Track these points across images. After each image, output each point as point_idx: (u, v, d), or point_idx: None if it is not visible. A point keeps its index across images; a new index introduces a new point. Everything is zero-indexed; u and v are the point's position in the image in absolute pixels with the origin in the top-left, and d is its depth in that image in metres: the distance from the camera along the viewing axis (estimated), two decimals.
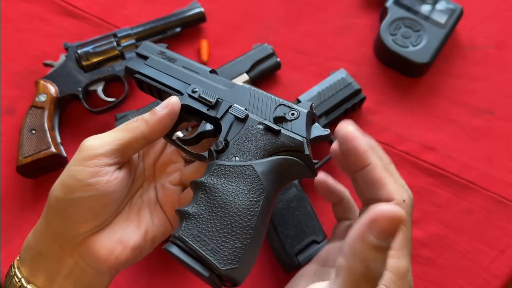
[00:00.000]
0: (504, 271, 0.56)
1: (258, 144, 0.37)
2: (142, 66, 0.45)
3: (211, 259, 0.33)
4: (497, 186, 0.60)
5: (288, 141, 0.37)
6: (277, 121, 0.39)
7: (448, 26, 0.67)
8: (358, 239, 0.29)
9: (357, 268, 0.28)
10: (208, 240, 0.33)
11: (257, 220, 0.34)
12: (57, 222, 0.38)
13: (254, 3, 0.75)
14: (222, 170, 0.36)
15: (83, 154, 0.37)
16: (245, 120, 0.39)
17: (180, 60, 0.44)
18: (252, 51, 0.67)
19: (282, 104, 0.40)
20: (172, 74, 0.43)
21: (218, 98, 0.41)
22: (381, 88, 0.68)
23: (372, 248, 0.28)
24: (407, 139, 0.64)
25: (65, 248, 0.38)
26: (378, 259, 0.28)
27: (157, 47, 0.46)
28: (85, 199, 0.37)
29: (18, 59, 0.72)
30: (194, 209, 0.35)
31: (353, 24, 0.73)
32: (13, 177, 0.63)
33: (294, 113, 0.39)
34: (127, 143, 0.38)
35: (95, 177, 0.36)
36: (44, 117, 0.63)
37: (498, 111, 0.65)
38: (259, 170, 0.36)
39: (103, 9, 0.75)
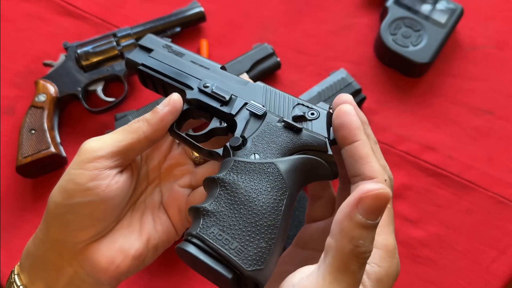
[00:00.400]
0: (504, 271, 0.56)
1: (279, 142, 0.36)
2: (147, 58, 0.42)
3: (235, 259, 0.30)
4: (497, 186, 0.60)
5: (310, 140, 0.36)
6: (297, 120, 0.37)
7: (448, 26, 0.67)
8: (346, 218, 0.28)
9: (346, 247, 0.28)
10: (231, 238, 0.31)
11: (281, 220, 0.32)
12: (56, 229, 0.36)
13: (254, 3, 0.75)
14: (242, 166, 0.34)
15: (83, 157, 0.36)
16: (263, 117, 0.37)
17: (188, 55, 0.42)
18: (252, 51, 0.67)
19: (300, 103, 0.38)
20: (181, 68, 0.41)
21: (232, 95, 0.39)
22: (381, 88, 0.68)
23: (360, 226, 0.28)
24: (407, 139, 0.64)
25: (65, 256, 0.37)
26: (366, 237, 0.28)
27: (162, 40, 0.44)
28: (84, 205, 0.35)
29: (18, 59, 0.71)
30: (213, 205, 0.32)
31: (353, 24, 0.73)
32: (13, 177, 0.63)
33: (314, 113, 0.37)
34: (129, 145, 0.37)
35: (95, 181, 0.35)
36: (43, 117, 0.63)
37: (498, 111, 0.65)
38: (282, 168, 0.34)
39: (103, 9, 0.75)
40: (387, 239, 0.32)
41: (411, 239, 0.58)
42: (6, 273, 0.58)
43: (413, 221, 0.59)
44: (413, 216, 0.60)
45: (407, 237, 0.58)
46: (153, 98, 0.66)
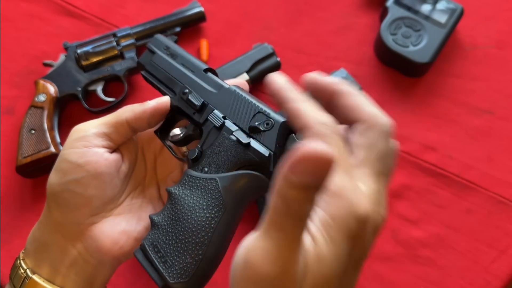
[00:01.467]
0: (504, 271, 0.56)
1: (227, 157, 0.37)
2: (149, 62, 0.45)
3: (163, 271, 0.35)
4: (498, 186, 0.60)
5: (254, 156, 0.36)
6: (252, 131, 0.37)
7: (448, 26, 0.67)
8: (280, 176, 0.25)
9: (278, 206, 0.26)
10: (163, 252, 0.35)
11: (211, 236, 0.34)
12: (57, 210, 0.39)
13: (254, 2, 0.75)
14: (190, 181, 0.36)
15: (72, 137, 0.39)
16: (221, 128, 0.38)
17: (181, 56, 0.44)
18: (252, 50, 0.67)
19: (260, 111, 0.37)
20: (171, 73, 0.43)
21: (204, 101, 0.40)
22: (381, 88, 0.68)
23: (293, 187, 0.24)
24: (408, 139, 0.64)
25: (67, 238, 0.39)
26: (300, 198, 0.25)
27: (165, 41, 0.45)
28: (78, 181, 0.37)
29: (17, 59, 0.71)
30: (160, 218, 0.36)
31: (353, 23, 0.73)
32: (13, 177, 0.63)
33: (269, 123, 0.36)
34: (111, 127, 0.39)
35: (85, 158, 0.38)
36: (43, 117, 0.63)
37: (499, 111, 0.65)
38: (222, 184, 0.35)
39: (103, 8, 0.75)
40: (337, 203, 0.28)
41: (411, 239, 0.58)
42: (7, 273, 0.58)
43: (413, 221, 0.59)
44: (413, 216, 0.59)
45: (407, 237, 0.58)
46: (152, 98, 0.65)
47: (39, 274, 0.38)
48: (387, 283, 0.56)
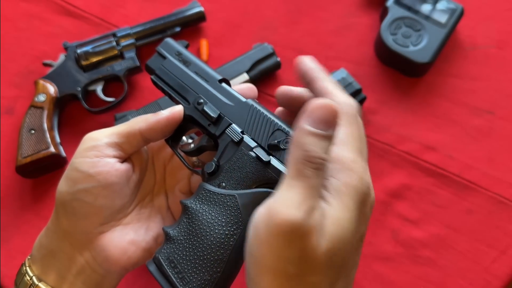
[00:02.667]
0: (504, 272, 0.56)
1: (246, 173, 0.36)
2: (159, 67, 0.44)
3: (180, 287, 0.34)
4: (498, 186, 0.60)
5: (275, 175, 0.36)
6: (271, 148, 0.37)
7: (448, 26, 0.67)
8: (297, 128, 0.30)
9: (297, 153, 0.30)
10: (180, 268, 0.34)
11: (230, 254, 0.34)
12: (65, 219, 0.38)
13: (254, 2, 0.75)
14: (207, 196, 0.36)
15: (84, 146, 0.39)
16: (239, 143, 0.38)
17: (194, 64, 0.43)
18: (252, 50, 0.67)
19: (279, 129, 0.38)
20: (184, 81, 0.42)
21: (220, 113, 0.40)
22: (381, 88, 0.68)
23: (309, 134, 0.30)
24: (408, 139, 0.64)
25: (75, 247, 0.39)
26: (316, 144, 0.30)
27: (176, 46, 0.45)
28: (88, 191, 0.37)
29: (17, 59, 0.71)
30: (175, 232, 0.36)
31: (354, 23, 0.72)
32: (13, 177, 0.63)
33: (288, 141, 0.37)
34: (124, 137, 0.39)
35: (96, 168, 0.37)
36: (43, 117, 0.63)
37: (499, 111, 0.65)
38: (241, 202, 0.35)
39: (103, 8, 0.75)
40: (343, 154, 0.33)
41: (411, 239, 0.58)
42: (7, 273, 0.58)
43: (413, 221, 0.59)
44: (413, 216, 0.59)
45: (407, 237, 0.58)
46: (153, 98, 0.66)
47: (46, 282, 0.38)
48: (387, 283, 0.56)
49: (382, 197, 0.60)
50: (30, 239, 0.60)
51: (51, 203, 0.62)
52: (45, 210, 0.62)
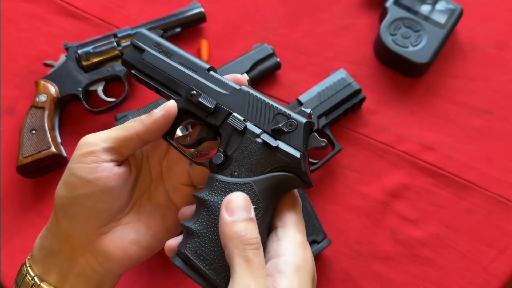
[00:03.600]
0: (504, 271, 0.56)
1: (256, 160, 0.37)
2: (139, 60, 0.42)
3: (214, 277, 0.34)
4: (497, 186, 0.60)
5: (285, 158, 0.37)
6: (275, 133, 0.38)
7: (448, 26, 0.67)
8: (221, 224, 0.33)
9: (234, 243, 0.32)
10: (210, 259, 0.35)
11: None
12: (65, 222, 0.39)
13: (254, 3, 0.75)
14: (222, 186, 0.36)
15: (81, 151, 0.38)
16: (244, 132, 0.38)
17: (177, 54, 0.42)
18: (252, 51, 0.67)
19: (280, 112, 0.39)
20: (170, 73, 0.41)
21: (217, 104, 0.39)
22: (381, 88, 0.68)
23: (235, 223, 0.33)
24: (407, 139, 0.64)
25: (76, 248, 0.39)
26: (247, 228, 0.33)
27: (153, 36, 0.43)
28: (87, 196, 0.37)
29: (18, 59, 0.72)
30: (197, 226, 0.36)
31: (353, 24, 0.73)
32: (13, 177, 0.63)
33: (292, 124, 0.38)
34: (121, 141, 0.39)
35: (94, 173, 0.37)
36: (44, 117, 0.63)
37: (498, 111, 0.65)
38: (258, 188, 0.36)
39: (103, 9, 0.75)
40: (295, 234, 0.36)
41: (411, 239, 0.58)
42: (7, 273, 0.58)
43: (413, 221, 0.59)
44: (413, 216, 0.60)
45: (407, 237, 0.58)
46: (153, 98, 0.66)
47: (47, 282, 0.38)
48: (387, 282, 0.57)
49: (381, 197, 0.61)
50: (31, 239, 0.60)
51: (52, 203, 0.62)
52: (46, 210, 0.62)
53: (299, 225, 0.37)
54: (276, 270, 0.33)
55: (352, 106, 0.63)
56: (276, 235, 0.36)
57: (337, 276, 0.57)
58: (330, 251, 0.58)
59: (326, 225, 0.58)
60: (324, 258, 0.58)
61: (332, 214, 0.60)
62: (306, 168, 0.37)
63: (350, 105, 0.63)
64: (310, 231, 0.55)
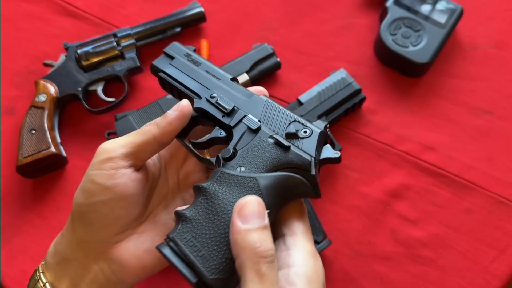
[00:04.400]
0: (504, 271, 0.56)
1: (265, 157, 0.37)
2: (167, 65, 0.45)
3: (200, 265, 0.32)
4: (497, 186, 0.60)
5: (296, 159, 0.37)
6: (289, 137, 0.38)
7: (448, 26, 0.67)
8: (233, 232, 0.31)
9: (247, 254, 0.30)
10: (200, 246, 0.33)
11: None
12: (81, 229, 0.39)
13: (254, 3, 0.75)
14: (226, 178, 0.36)
15: (99, 158, 0.38)
16: (257, 131, 0.39)
17: (204, 64, 0.45)
18: (252, 51, 0.67)
19: (296, 120, 0.39)
20: (194, 77, 0.43)
21: (235, 106, 0.41)
22: (381, 88, 0.68)
23: (249, 231, 0.31)
24: (407, 139, 0.64)
25: (90, 255, 0.39)
26: (261, 238, 0.31)
27: (184, 49, 0.46)
28: (105, 203, 0.37)
29: (18, 59, 0.71)
30: (192, 213, 0.35)
31: (353, 24, 0.73)
32: (13, 177, 0.63)
33: (307, 131, 0.38)
34: (139, 146, 0.39)
35: (113, 180, 0.37)
36: (44, 117, 0.63)
37: (498, 111, 0.65)
38: (262, 183, 0.35)
39: (103, 9, 0.75)
40: (305, 244, 0.35)
41: (411, 239, 0.58)
42: (7, 273, 0.58)
43: (413, 221, 0.59)
44: (413, 216, 0.60)
45: (407, 237, 0.58)
46: (153, 98, 0.66)
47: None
48: (387, 283, 0.56)
49: (382, 197, 0.60)
50: (30, 239, 0.60)
51: (52, 203, 0.62)
52: (46, 210, 0.62)
53: (308, 234, 0.36)
54: (287, 282, 0.32)
55: (352, 106, 0.63)
56: (285, 243, 0.35)
57: (337, 276, 0.57)
58: (330, 251, 0.58)
59: (326, 225, 0.58)
60: (324, 258, 0.58)
61: (332, 214, 0.60)
62: (316, 175, 0.37)
63: (350, 105, 0.63)
64: None
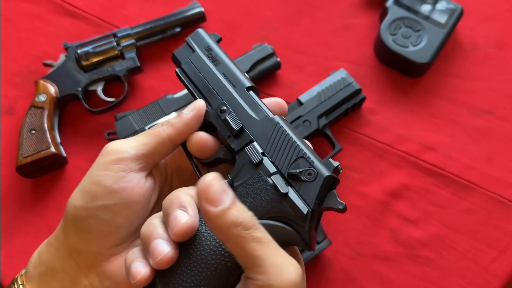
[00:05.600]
0: (504, 271, 0.56)
1: (260, 201, 0.34)
2: (186, 60, 0.41)
3: None
4: (497, 186, 0.60)
5: (290, 209, 0.33)
6: (291, 177, 0.34)
7: (448, 26, 0.67)
8: (211, 219, 0.29)
9: (238, 233, 0.29)
10: (172, 277, 0.31)
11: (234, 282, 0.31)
12: (75, 236, 0.35)
13: (254, 3, 0.75)
14: None
15: (108, 158, 0.35)
16: (258, 165, 0.35)
17: (223, 64, 0.40)
18: (252, 51, 0.67)
19: (303, 156, 0.35)
20: (210, 81, 0.39)
21: (243, 126, 0.37)
22: (381, 88, 0.68)
23: (225, 211, 0.29)
24: (407, 139, 0.64)
25: (82, 267, 0.35)
26: (238, 212, 0.29)
27: (207, 39, 0.42)
28: (108, 208, 0.34)
29: (18, 59, 0.71)
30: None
31: (353, 24, 0.73)
32: (13, 177, 0.63)
33: (311, 174, 0.34)
34: (152, 148, 0.36)
35: (121, 183, 0.34)
36: (44, 117, 0.63)
37: (498, 111, 0.65)
38: None
39: (103, 9, 0.75)
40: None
41: (411, 239, 0.58)
42: (7, 273, 0.58)
43: (413, 221, 0.59)
44: (413, 216, 0.60)
45: (407, 237, 0.58)
46: (153, 98, 0.66)
47: None
48: (387, 283, 0.56)
49: (382, 197, 0.60)
50: (30, 239, 0.60)
51: (51, 203, 0.62)
52: (46, 210, 0.62)
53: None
54: None
55: (352, 106, 0.63)
56: None
57: (337, 276, 0.57)
58: (330, 251, 0.58)
59: (326, 225, 0.58)
60: (324, 259, 0.57)
61: (332, 214, 0.60)
62: (311, 228, 0.33)
63: (350, 105, 0.63)
64: None
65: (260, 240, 0.29)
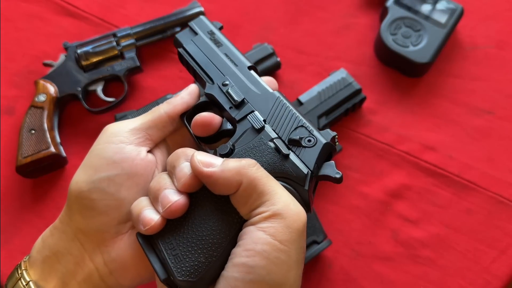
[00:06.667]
0: (504, 272, 0.56)
1: (261, 163, 0.35)
2: (189, 42, 0.43)
3: (171, 265, 0.32)
4: (498, 186, 0.60)
5: (291, 169, 0.34)
6: (291, 143, 0.36)
7: (448, 26, 0.67)
8: (215, 179, 0.32)
9: (249, 174, 0.32)
10: (175, 244, 0.32)
11: (229, 241, 0.32)
12: (80, 215, 0.35)
13: (254, 2, 0.75)
14: None
15: (107, 134, 0.36)
16: (260, 131, 0.37)
17: (225, 46, 0.43)
18: (252, 51, 0.67)
19: (303, 126, 0.37)
20: (212, 59, 0.42)
21: (245, 98, 0.39)
22: (381, 88, 0.68)
23: (223, 170, 0.32)
24: (408, 139, 0.64)
25: (87, 248, 0.35)
26: (234, 161, 0.33)
27: (209, 25, 0.44)
28: (111, 180, 0.34)
29: (17, 59, 0.71)
30: None
31: (353, 23, 0.73)
32: (13, 177, 0.63)
33: (311, 140, 0.36)
34: (150, 121, 0.38)
35: (121, 154, 0.35)
36: (43, 117, 0.63)
37: (499, 111, 0.65)
38: None
39: (103, 8, 0.75)
40: None
41: (411, 239, 0.58)
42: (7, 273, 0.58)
43: (413, 221, 0.59)
44: (413, 216, 0.59)
45: (407, 237, 0.58)
46: (153, 98, 0.66)
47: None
48: (387, 283, 0.56)
49: (382, 197, 0.60)
50: (30, 239, 0.60)
51: (51, 203, 0.62)
52: (46, 210, 0.62)
53: None
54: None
55: (353, 106, 0.63)
56: None
57: (337, 276, 0.57)
58: (331, 251, 0.57)
59: (326, 226, 0.58)
60: (324, 259, 0.57)
61: (332, 214, 0.60)
62: (310, 190, 0.35)
63: (351, 105, 0.63)
64: (310, 232, 0.54)
65: (268, 175, 0.32)
